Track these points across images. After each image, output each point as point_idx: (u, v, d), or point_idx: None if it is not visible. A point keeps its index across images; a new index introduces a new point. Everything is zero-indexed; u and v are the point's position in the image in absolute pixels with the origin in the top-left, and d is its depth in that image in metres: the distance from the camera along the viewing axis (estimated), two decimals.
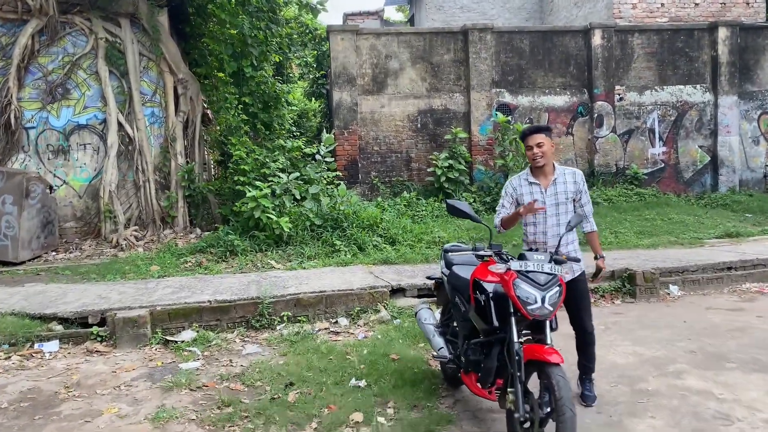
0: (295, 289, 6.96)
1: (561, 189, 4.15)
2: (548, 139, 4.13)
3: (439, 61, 13.42)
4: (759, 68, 14.67)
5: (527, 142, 4.13)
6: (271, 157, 11.01)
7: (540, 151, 4.08)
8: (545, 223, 4.15)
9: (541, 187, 4.16)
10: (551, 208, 4.14)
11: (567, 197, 4.16)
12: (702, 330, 5.97)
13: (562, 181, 4.19)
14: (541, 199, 4.14)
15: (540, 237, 4.16)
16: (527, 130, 4.17)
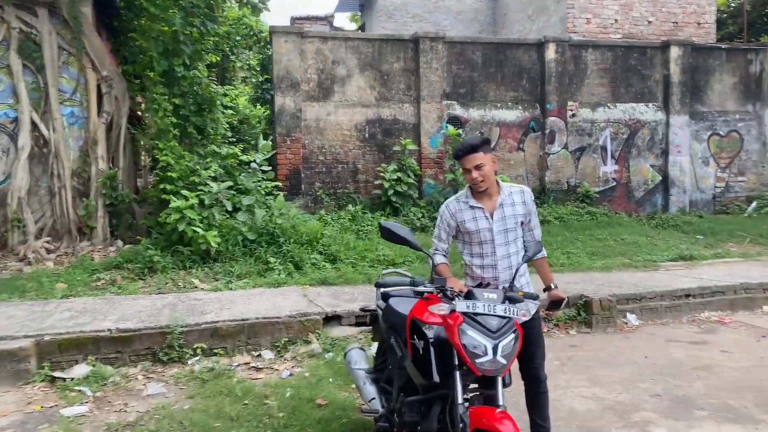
0: (214, 315, 6.09)
1: (509, 212, 3.46)
2: (488, 156, 3.40)
3: (389, 70, 12.77)
4: (709, 89, 14.59)
5: (463, 163, 3.39)
6: (202, 164, 10.10)
7: (480, 174, 3.35)
8: (494, 255, 3.44)
9: (485, 212, 3.45)
10: (500, 235, 3.44)
11: (516, 221, 3.47)
12: (665, 368, 5.40)
13: (510, 202, 3.48)
14: (487, 225, 3.44)
15: (489, 272, 3.45)
16: (461, 150, 3.40)
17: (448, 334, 2.84)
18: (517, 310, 2.83)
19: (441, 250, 3.59)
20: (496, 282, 3.41)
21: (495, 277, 3.43)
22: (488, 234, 3.43)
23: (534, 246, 3.31)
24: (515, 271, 3.23)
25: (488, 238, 3.43)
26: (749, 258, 10.12)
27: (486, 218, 3.44)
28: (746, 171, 14.78)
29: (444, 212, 3.56)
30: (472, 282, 3.53)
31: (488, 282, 3.40)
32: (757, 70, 14.70)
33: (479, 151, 3.36)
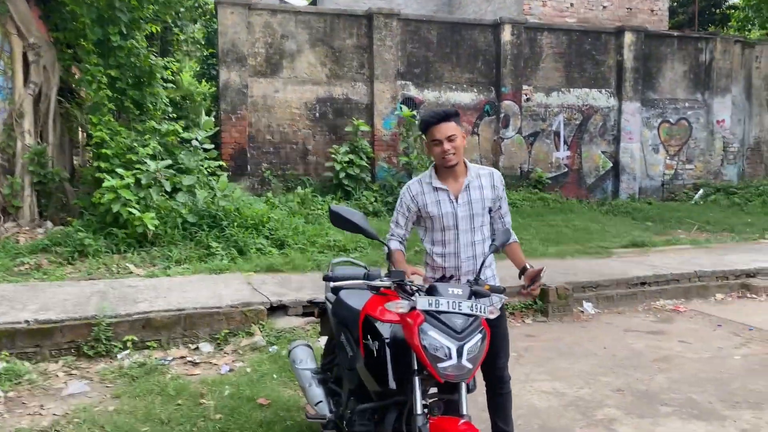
0: (148, 304, 5.59)
1: (476, 196, 3.09)
2: (460, 129, 3.04)
3: (341, 46, 12.28)
4: (661, 76, 14.65)
5: (433, 134, 2.99)
6: (140, 141, 9.43)
7: (452, 146, 2.97)
8: (457, 242, 3.08)
9: (450, 194, 3.08)
10: (464, 221, 3.08)
11: (483, 206, 3.11)
12: (625, 360, 5.21)
13: (478, 185, 3.11)
14: (451, 209, 3.08)
15: (451, 260, 3.10)
16: (432, 118, 3.01)
17: (406, 334, 2.48)
18: (484, 307, 2.49)
19: (397, 236, 3.23)
20: (458, 273, 3.07)
21: (457, 266, 3.09)
22: (451, 219, 3.08)
23: (502, 234, 2.97)
24: (481, 261, 2.87)
25: (451, 223, 3.08)
26: (699, 245, 10.15)
27: (450, 201, 3.08)
28: (694, 159, 14.96)
29: (404, 195, 3.19)
30: (432, 272, 3.18)
31: (451, 274, 3.05)
32: (707, 59, 14.85)
33: (452, 120, 2.99)
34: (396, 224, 3.23)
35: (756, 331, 6.06)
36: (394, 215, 3.26)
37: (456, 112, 3.07)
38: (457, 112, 3.09)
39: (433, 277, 3.13)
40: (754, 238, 10.92)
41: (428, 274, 3.21)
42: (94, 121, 9.17)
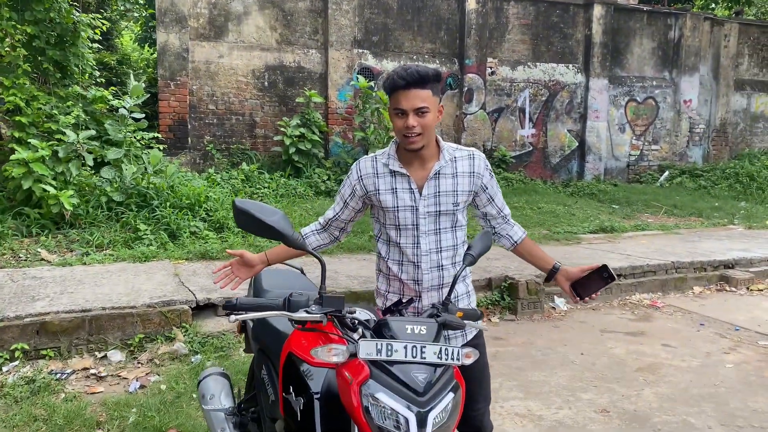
0: (48, 303, 4.66)
1: (446, 187, 2.27)
2: (435, 100, 2.18)
3: (293, 9, 11.25)
4: (629, 52, 14.09)
5: (398, 100, 2.15)
6: (61, 109, 8.33)
7: (419, 123, 2.14)
8: (417, 247, 2.28)
9: (411, 182, 2.26)
10: (428, 220, 2.27)
11: (456, 201, 2.28)
12: (606, 370, 4.55)
13: (451, 172, 2.28)
14: (411, 203, 2.26)
15: (409, 271, 2.30)
16: (401, 79, 2.11)
17: (343, 394, 1.68)
18: (457, 352, 1.70)
19: (320, 222, 2.49)
20: (419, 288, 2.28)
21: (416, 279, 2.29)
22: (410, 215, 2.27)
23: (481, 239, 2.14)
24: (454, 279, 2.06)
25: (410, 221, 2.27)
26: (668, 231, 9.66)
27: (411, 191, 2.26)
28: (660, 140, 14.52)
29: (352, 173, 2.37)
30: (386, 285, 2.38)
31: (407, 294, 2.26)
32: (676, 36, 14.33)
33: (427, 86, 2.13)
34: (335, 207, 2.45)
35: (743, 332, 5.49)
36: (337, 196, 2.46)
37: (436, 75, 2.16)
38: (438, 74, 2.17)
39: (386, 294, 2.34)
40: (723, 224, 10.51)
41: (380, 286, 2.42)
42: (7, 84, 8.01)
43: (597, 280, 2.25)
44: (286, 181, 10.10)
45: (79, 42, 9.00)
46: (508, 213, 2.47)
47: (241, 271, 2.43)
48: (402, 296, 2.31)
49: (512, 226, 2.47)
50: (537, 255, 2.46)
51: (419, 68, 2.13)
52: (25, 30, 8.34)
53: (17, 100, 7.85)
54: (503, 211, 2.45)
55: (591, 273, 2.26)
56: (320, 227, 2.49)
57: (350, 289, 5.38)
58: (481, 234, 2.17)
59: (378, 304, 2.44)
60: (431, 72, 2.15)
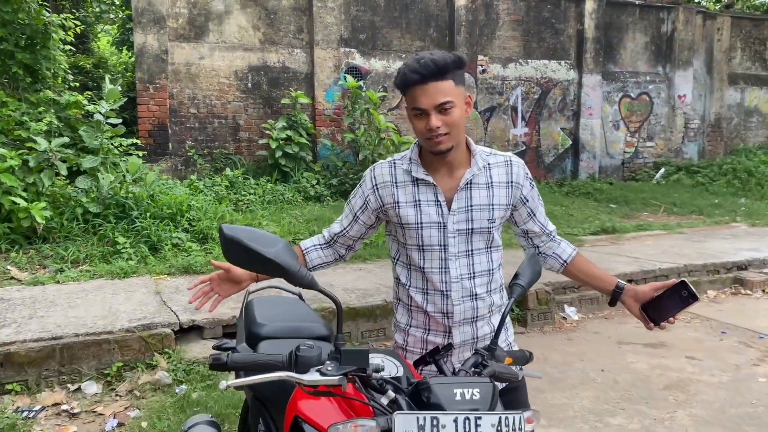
0: (14, 330, 4.18)
1: (482, 200, 1.86)
2: (460, 92, 1.77)
3: (276, 7, 10.80)
4: (622, 47, 13.79)
5: (415, 99, 1.75)
6: (32, 115, 7.84)
7: (444, 121, 1.74)
8: (445, 272, 1.86)
9: (438, 193, 1.86)
10: (459, 240, 1.86)
11: (492, 217, 1.87)
12: (631, 388, 4.16)
13: (485, 182, 1.87)
14: (438, 218, 1.85)
15: (437, 302, 1.88)
16: (414, 73, 1.72)
17: None
18: (521, 421, 1.29)
19: (326, 236, 2.07)
20: (449, 322, 1.87)
21: (445, 312, 1.87)
22: (437, 234, 1.86)
23: (530, 264, 1.73)
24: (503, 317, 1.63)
25: (436, 241, 1.86)
26: (671, 230, 9.33)
27: (437, 204, 1.86)
28: (655, 136, 14.23)
29: (365, 180, 1.96)
30: (407, 318, 1.96)
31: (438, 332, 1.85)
32: (668, 30, 14.06)
33: (447, 77, 1.72)
34: (343, 219, 2.02)
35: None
36: (345, 209, 2.03)
37: (457, 61, 1.76)
38: (459, 59, 1.77)
39: (406, 329, 1.93)
40: (725, 222, 10.20)
41: (400, 319, 2.00)
42: None
43: (674, 299, 1.80)
44: (273, 187, 9.64)
45: (51, 44, 8.50)
46: (552, 229, 2.06)
47: (223, 287, 1.94)
48: (427, 331, 1.92)
49: (559, 244, 2.06)
50: (594, 274, 2.04)
51: (435, 57, 1.72)
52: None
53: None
54: (547, 227, 2.03)
55: (666, 291, 1.83)
56: (324, 242, 2.06)
57: (348, 305, 4.96)
58: (528, 258, 1.75)
59: (397, 340, 2.02)
60: (450, 59, 1.74)
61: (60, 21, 8.39)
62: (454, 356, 1.90)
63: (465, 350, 1.90)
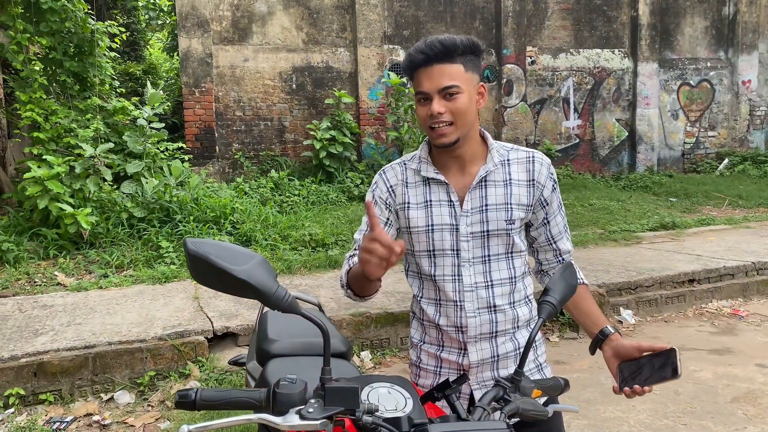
0: (50, 338, 4.18)
1: (498, 199, 1.66)
2: (471, 78, 1.59)
3: (319, 6, 10.70)
4: (679, 33, 13.09)
5: (419, 82, 1.59)
6: (81, 122, 7.97)
7: (448, 108, 1.56)
8: (458, 281, 1.66)
9: (451, 192, 1.67)
10: (471, 243, 1.66)
11: (511, 218, 1.66)
12: (694, 401, 3.82)
13: (502, 179, 1.68)
14: (448, 219, 1.66)
15: (450, 314, 1.67)
16: (420, 53, 1.56)
17: None
18: None
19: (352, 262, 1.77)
20: (462, 339, 1.66)
21: (459, 326, 1.66)
22: (448, 237, 1.67)
23: (564, 275, 1.49)
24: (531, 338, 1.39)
25: (448, 245, 1.67)
26: (737, 224, 8.76)
27: (450, 204, 1.66)
28: (717, 125, 13.47)
29: (377, 185, 1.76)
30: (420, 334, 1.77)
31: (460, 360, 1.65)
32: (731, 13, 13.27)
33: (456, 60, 1.55)
34: (360, 232, 1.78)
35: None
36: (363, 223, 1.80)
37: (469, 44, 1.57)
38: (472, 43, 1.58)
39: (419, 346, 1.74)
40: None
41: (413, 335, 1.81)
42: (24, 99, 7.67)
43: (656, 368, 1.53)
44: (317, 188, 9.55)
45: (97, 52, 8.63)
46: (565, 249, 1.80)
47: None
48: (441, 348, 1.72)
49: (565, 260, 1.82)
50: (584, 309, 1.76)
51: (443, 37, 1.55)
52: (41, 42, 8.01)
53: (35, 116, 7.52)
54: (558, 243, 1.77)
55: (650, 356, 1.56)
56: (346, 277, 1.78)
57: (386, 310, 4.77)
58: (561, 270, 1.51)
59: (411, 357, 1.83)
60: (460, 41, 1.56)
61: (105, 28, 8.50)
62: (471, 376, 1.69)
63: (484, 370, 1.70)
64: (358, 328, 4.62)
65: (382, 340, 4.69)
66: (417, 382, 1.78)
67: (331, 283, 5.71)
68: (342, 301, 4.97)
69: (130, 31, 12.50)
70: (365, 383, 1.22)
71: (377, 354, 4.64)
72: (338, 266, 6.38)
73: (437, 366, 1.73)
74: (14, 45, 7.70)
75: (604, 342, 1.69)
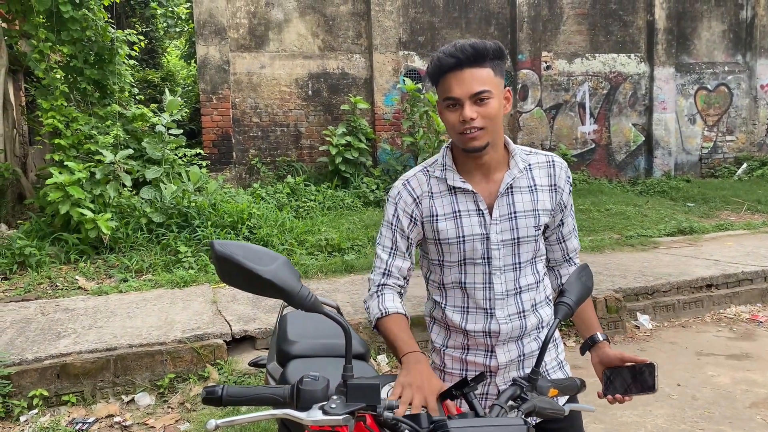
0: (73, 340, 4.26)
1: (526, 206, 1.69)
2: (500, 82, 1.59)
3: (335, 13, 10.79)
4: (696, 37, 13.02)
5: (448, 87, 1.58)
6: (101, 129, 8.10)
7: (480, 113, 1.56)
8: (490, 288, 1.68)
9: (479, 201, 1.67)
10: (502, 251, 1.67)
11: (538, 223, 1.69)
12: (712, 406, 3.80)
13: (527, 185, 1.70)
14: (480, 230, 1.67)
15: (479, 321, 1.69)
16: (450, 57, 1.56)
17: None
18: None
19: (392, 276, 1.74)
20: (491, 342, 1.68)
21: (488, 331, 1.68)
22: (480, 247, 1.67)
23: (580, 277, 1.53)
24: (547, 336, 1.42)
25: (479, 254, 1.68)
26: (755, 230, 8.68)
27: (479, 214, 1.67)
28: (735, 129, 13.36)
29: (399, 196, 1.74)
30: (443, 338, 1.78)
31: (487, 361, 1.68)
32: (748, 16, 13.18)
33: (486, 64, 1.56)
34: (386, 250, 1.74)
35: None
36: (381, 234, 1.77)
37: (497, 50, 1.58)
38: (499, 49, 1.59)
39: (442, 350, 1.76)
40: None
41: (435, 339, 1.82)
42: (45, 107, 7.82)
43: (635, 379, 1.62)
44: (333, 193, 9.61)
45: (117, 59, 8.78)
46: (573, 247, 1.84)
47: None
48: (467, 351, 1.73)
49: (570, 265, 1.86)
50: (583, 315, 1.79)
51: (474, 41, 1.56)
52: (62, 51, 8.17)
53: (56, 123, 7.66)
54: (567, 242, 1.82)
55: (632, 367, 1.62)
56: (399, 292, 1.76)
57: None
58: (578, 272, 1.53)
59: (434, 360, 1.85)
60: (490, 46, 1.57)
61: (125, 37, 8.64)
62: (498, 377, 1.72)
63: (510, 370, 1.73)
64: (374, 332, 4.64)
65: None
66: None
67: (347, 287, 5.75)
68: (358, 306, 5.01)
69: (149, 39, 12.69)
70: (385, 381, 1.26)
71: (393, 358, 4.66)
72: (354, 271, 6.42)
73: (462, 369, 1.74)
74: (36, 53, 7.86)
75: (592, 347, 1.73)
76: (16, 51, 9.03)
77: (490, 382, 1.72)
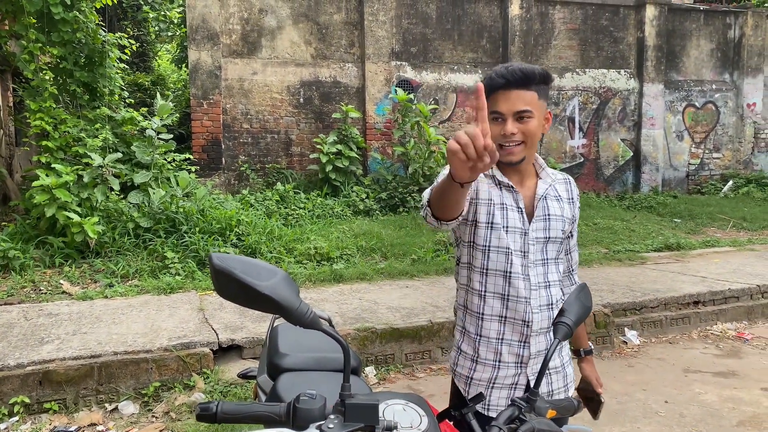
0: (56, 346, 4.19)
1: (556, 211, 1.88)
2: (542, 105, 1.78)
3: (328, 22, 10.80)
4: (685, 55, 13.17)
5: (496, 102, 1.74)
6: (90, 132, 8.02)
7: (521, 130, 1.74)
8: (526, 280, 1.83)
9: (520, 200, 1.84)
10: (536, 247, 1.84)
11: (564, 228, 1.89)
12: (700, 424, 3.81)
13: (555, 195, 1.90)
14: (521, 225, 1.83)
15: (518, 309, 1.83)
16: (501, 77, 1.73)
17: None
18: None
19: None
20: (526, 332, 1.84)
21: (525, 320, 1.83)
22: (519, 239, 1.84)
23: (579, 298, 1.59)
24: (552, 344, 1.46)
25: (519, 246, 1.84)
26: (741, 247, 8.76)
27: (519, 211, 1.84)
28: (722, 147, 13.51)
29: None
30: (476, 327, 1.89)
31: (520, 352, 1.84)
32: (736, 36, 13.36)
33: (531, 87, 1.74)
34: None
35: None
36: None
37: (544, 76, 1.77)
38: (546, 75, 1.78)
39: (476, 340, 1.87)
40: None
41: (469, 328, 1.91)
42: (34, 108, 7.73)
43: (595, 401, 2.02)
44: (322, 201, 9.58)
45: (107, 62, 8.72)
46: (575, 260, 2.06)
47: None
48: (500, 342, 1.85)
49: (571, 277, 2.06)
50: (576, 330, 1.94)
51: (524, 66, 1.76)
52: (52, 52, 8.09)
53: (44, 125, 7.58)
54: (572, 254, 2.04)
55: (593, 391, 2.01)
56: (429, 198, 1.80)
57: (391, 325, 4.77)
58: (576, 291, 1.54)
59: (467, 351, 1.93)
60: (538, 71, 1.75)
61: (116, 40, 8.58)
62: (528, 368, 1.85)
63: (538, 362, 1.86)
64: (363, 343, 4.62)
65: (387, 356, 4.68)
66: (473, 376, 1.87)
67: (335, 297, 5.72)
68: (347, 316, 4.98)
69: (140, 42, 12.62)
70: (383, 399, 1.24)
71: (381, 370, 4.63)
72: (343, 280, 6.40)
73: (495, 360, 1.85)
74: (26, 54, 7.77)
75: (583, 358, 2.06)
76: (5, 51, 8.93)
77: (521, 372, 1.84)
